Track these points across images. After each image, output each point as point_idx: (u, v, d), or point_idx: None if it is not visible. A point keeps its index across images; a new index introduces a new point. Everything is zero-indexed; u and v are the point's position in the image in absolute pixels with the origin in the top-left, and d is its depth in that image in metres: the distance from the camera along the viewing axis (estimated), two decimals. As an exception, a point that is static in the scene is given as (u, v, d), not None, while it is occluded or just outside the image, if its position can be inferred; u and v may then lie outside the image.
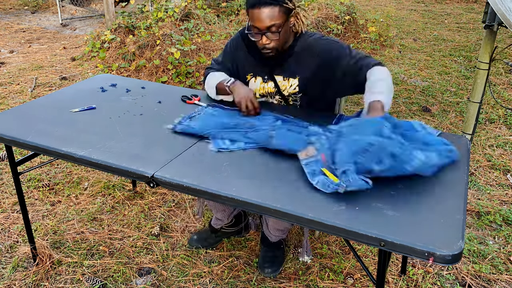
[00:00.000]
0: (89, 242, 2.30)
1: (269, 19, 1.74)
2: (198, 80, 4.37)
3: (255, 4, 1.73)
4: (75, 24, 7.02)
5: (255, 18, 1.75)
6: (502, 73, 4.68)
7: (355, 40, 5.47)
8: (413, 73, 4.76)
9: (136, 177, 1.49)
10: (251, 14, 1.76)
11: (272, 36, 1.78)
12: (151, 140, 1.67)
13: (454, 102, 4.03)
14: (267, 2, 1.72)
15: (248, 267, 2.13)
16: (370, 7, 7.85)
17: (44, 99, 2.10)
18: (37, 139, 1.68)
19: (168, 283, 2.04)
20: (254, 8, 1.73)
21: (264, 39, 1.79)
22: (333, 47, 1.85)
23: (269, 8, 1.72)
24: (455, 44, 5.80)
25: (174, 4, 5.62)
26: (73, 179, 2.85)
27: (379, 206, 1.28)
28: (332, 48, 1.85)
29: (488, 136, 3.37)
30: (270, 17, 1.73)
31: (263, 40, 1.79)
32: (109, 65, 4.80)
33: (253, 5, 1.74)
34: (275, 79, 1.94)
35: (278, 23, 1.75)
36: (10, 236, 2.34)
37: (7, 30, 6.60)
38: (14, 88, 4.30)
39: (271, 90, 1.96)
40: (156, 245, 2.28)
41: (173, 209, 2.57)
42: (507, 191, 2.72)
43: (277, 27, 1.76)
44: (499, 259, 2.18)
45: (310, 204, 1.29)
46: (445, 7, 8.15)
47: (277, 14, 1.74)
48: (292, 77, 1.91)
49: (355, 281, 2.05)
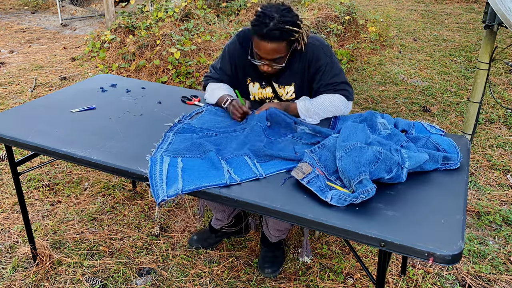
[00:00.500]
0: (89, 242, 2.30)
1: (275, 53, 1.74)
2: (198, 80, 4.37)
3: (263, 36, 1.70)
4: (75, 24, 7.02)
5: (261, 49, 1.75)
6: (502, 73, 4.68)
7: (355, 40, 5.47)
8: (413, 73, 4.76)
9: (136, 177, 1.49)
10: (257, 43, 1.75)
11: (276, 65, 1.80)
12: (151, 140, 1.67)
13: (454, 102, 4.03)
14: (277, 37, 1.70)
15: (248, 267, 2.13)
16: (370, 7, 7.85)
17: (44, 99, 2.10)
18: (37, 139, 1.68)
19: (168, 283, 2.04)
20: (261, 40, 1.72)
21: (266, 68, 1.81)
22: (321, 58, 1.86)
23: (277, 43, 1.71)
24: (455, 44, 5.80)
25: (174, 4, 5.62)
26: (73, 179, 2.85)
27: (379, 206, 1.28)
28: (319, 59, 1.86)
29: (488, 136, 3.37)
30: (276, 51, 1.74)
31: (265, 67, 1.81)
32: (109, 65, 4.80)
33: (259, 36, 1.72)
34: (273, 85, 1.96)
35: (282, 55, 1.77)
36: (10, 236, 2.34)
37: (7, 30, 6.60)
38: (14, 88, 4.30)
39: (269, 95, 1.98)
40: (156, 245, 2.28)
41: (173, 209, 2.57)
42: (507, 191, 2.72)
43: (280, 58, 1.78)
44: (499, 259, 2.18)
45: (310, 204, 1.29)
46: (445, 7, 8.15)
47: (283, 48, 1.75)
48: (288, 85, 1.94)
49: (355, 281, 2.05)
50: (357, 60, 5.11)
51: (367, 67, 4.91)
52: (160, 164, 1.47)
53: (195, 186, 1.37)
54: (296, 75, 1.91)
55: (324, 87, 1.87)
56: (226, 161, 1.50)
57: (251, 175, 1.43)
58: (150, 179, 1.41)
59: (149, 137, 1.70)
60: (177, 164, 1.48)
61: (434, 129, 1.64)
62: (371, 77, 4.65)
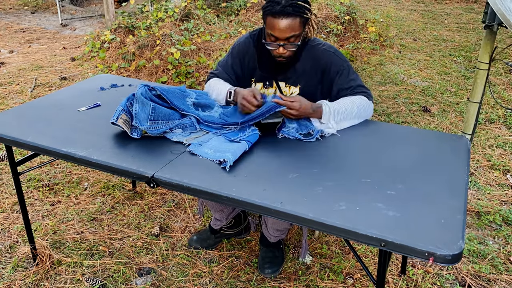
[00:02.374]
0: (89, 242, 2.30)
1: (290, 30, 1.72)
2: (198, 80, 4.37)
3: (277, 13, 1.69)
4: (75, 24, 7.02)
5: (275, 28, 1.73)
6: (502, 73, 4.68)
7: (355, 40, 5.47)
8: (413, 73, 4.76)
9: (136, 177, 1.49)
10: (271, 22, 1.73)
11: (290, 46, 1.77)
12: (151, 140, 1.67)
13: (454, 102, 4.03)
14: (290, 13, 1.69)
15: (248, 267, 2.14)
16: (370, 7, 7.86)
17: (44, 99, 2.10)
18: (37, 139, 1.67)
19: (168, 283, 2.04)
20: (275, 17, 1.71)
21: (281, 49, 1.78)
22: (338, 63, 1.86)
23: (291, 19, 1.70)
24: (455, 44, 5.80)
25: (174, 4, 5.62)
26: (73, 179, 2.85)
27: (379, 206, 1.28)
28: (336, 64, 1.86)
29: (488, 136, 3.37)
30: (291, 28, 1.72)
31: (280, 50, 1.78)
32: (109, 65, 4.80)
33: (274, 13, 1.70)
34: (279, 84, 1.94)
35: (297, 34, 1.75)
36: (10, 236, 2.34)
37: (7, 30, 6.60)
38: (14, 88, 4.30)
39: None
40: (156, 245, 2.28)
41: (173, 209, 2.57)
42: (507, 191, 2.72)
43: (295, 37, 1.75)
44: (499, 259, 2.18)
45: (310, 204, 1.29)
46: (445, 7, 8.15)
47: (297, 25, 1.73)
48: (294, 85, 1.92)
49: (355, 281, 2.05)
50: (357, 60, 5.11)
51: (367, 67, 4.91)
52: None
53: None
54: (306, 78, 1.90)
55: (344, 90, 1.85)
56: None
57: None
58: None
59: (149, 137, 1.70)
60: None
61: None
62: (371, 77, 4.66)
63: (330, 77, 1.87)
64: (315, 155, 1.58)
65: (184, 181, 1.41)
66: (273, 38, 1.77)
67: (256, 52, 1.94)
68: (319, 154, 1.59)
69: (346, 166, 1.51)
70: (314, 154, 1.58)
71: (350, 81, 1.85)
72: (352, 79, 1.86)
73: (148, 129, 1.65)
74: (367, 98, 1.85)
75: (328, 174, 1.45)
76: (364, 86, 1.88)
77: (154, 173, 1.45)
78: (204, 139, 1.66)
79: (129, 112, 1.68)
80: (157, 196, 2.69)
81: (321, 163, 1.52)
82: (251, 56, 1.95)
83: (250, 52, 1.95)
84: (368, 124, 1.84)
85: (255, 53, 1.94)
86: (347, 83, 1.85)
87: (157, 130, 1.67)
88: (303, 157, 1.56)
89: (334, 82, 1.86)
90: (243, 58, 1.97)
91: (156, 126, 1.67)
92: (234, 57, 1.99)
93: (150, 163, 1.51)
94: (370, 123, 1.85)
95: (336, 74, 1.86)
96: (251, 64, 1.96)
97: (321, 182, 1.40)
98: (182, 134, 1.69)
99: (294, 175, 1.44)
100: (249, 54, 1.96)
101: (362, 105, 1.81)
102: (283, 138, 1.71)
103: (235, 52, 1.99)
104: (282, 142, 1.68)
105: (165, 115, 1.69)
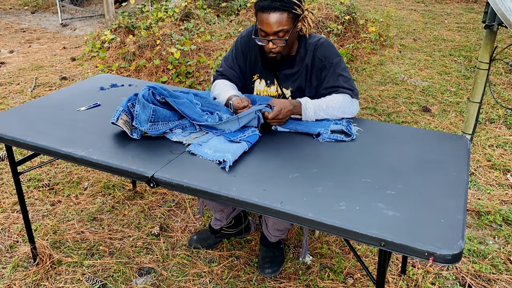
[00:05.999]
0: (89, 242, 2.30)
1: (277, 24, 1.74)
2: (198, 80, 4.37)
3: (266, 8, 1.73)
4: (75, 24, 7.02)
5: (263, 22, 1.76)
6: (502, 73, 4.68)
7: (355, 40, 5.47)
8: (413, 73, 4.76)
9: (136, 177, 1.49)
10: (260, 17, 1.77)
11: (278, 41, 1.79)
12: (151, 140, 1.67)
13: (454, 102, 4.03)
14: (277, 7, 1.72)
15: (248, 267, 2.14)
16: (370, 7, 7.85)
17: (44, 99, 2.10)
18: (37, 139, 1.68)
19: (168, 283, 2.04)
20: (264, 12, 1.74)
21: (271, 44, 1.80)
22: (331, 56, 1.88)
23: (279, 13, 1.73)
24: (455, 44, 5.80)
25: (174, 4, 5.62)
26: (73, 179, 2.86)
27: (379, 206, 1.28)
28: (330, 56, 1.88)
29: (488, 136, 3.37)
30: (278, 22, 1.74)
31: (269, 45, 1.80)
32: (109, 65, 4.80)
33: (262, 8, 1.74)
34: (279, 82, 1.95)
35: (285, 29, 1.76)
36: (10, 236, 2.34)
37: (7, 30, 6.60)
38: (14, 88, 4.30)
39: (273, 94, 1.98)
40: (156, 245, 2.28)
41: (173, 209, 2.57)
42: (507, 191, 2.72)
43: (284, 32, 1.77)
44: (499, 259, 2.18)
45: (310, 204, 1.29)
46: (445, 7, 8.15)
47: (285, 19, 1.75)
48: (285, 88, 1.95)
49: (355, 281, 2.05)
50: (357, 60, 5.11)
51: (367, 67, 4.91)
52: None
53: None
54: (298, 79, 1.91)
55: (329, 89, 1.87)
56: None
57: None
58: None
59: (149, 136, 1.70)
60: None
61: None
62: (371, 77, 4.65)
63: (322, 72, 1.89)
64: (315, 155, 1.58)
65: (184, 181, 1.41)
66: (263, 33, 1.79)
67: (258, 47, 1.95)
68: (319, 154, 1.59)
69: (346, 166, 1.51)
70: (314, 154, 1.59)
71: (338, 77, 1.87)
72: (341, 75, 1.88)
73: (148, 129, 1.65)
74: (350, 96, 1.87)
75: (328, 174, 1.45)
76: (350, 84, 1.89)
77: (154, 173, 1.45)
78: (204, 139, 1.66)
79: (129, 113, 1.68)
80: (157, 196, 2.69)
81: (321, 163, 1.52)
82: (254, 50, 1.97)
83: (253, 47, 1.97)
84: (368, 124, 1.84)
85: (257, 48, 1.95)
86: (335, 81, 1.87)
87: (157, 131, 1.67)
88: (303, 157, 1.56)
89: (326, 76, 1.88)
90: (246, 52, 1.99)
91: (156, 127, 1.67)
92: (238, 51, 2.01)
93: (150, 163, 1.51)
94: (370, 123, 1.85)
95: (330, 68, 1.88)
96: (254, 59, 1.98)
97: (321, 182, 1.41)
98: (182, 134, 1.70)
99: (294, 175, 1.44)
100: (251, 48, 1.98)
101: (344, 103, 1.84)
102: (283, 138, 1.71)
103: (238, 47, 2.01)
104: (282, 142, 1.68)
105: (165, 116, 1.70)
